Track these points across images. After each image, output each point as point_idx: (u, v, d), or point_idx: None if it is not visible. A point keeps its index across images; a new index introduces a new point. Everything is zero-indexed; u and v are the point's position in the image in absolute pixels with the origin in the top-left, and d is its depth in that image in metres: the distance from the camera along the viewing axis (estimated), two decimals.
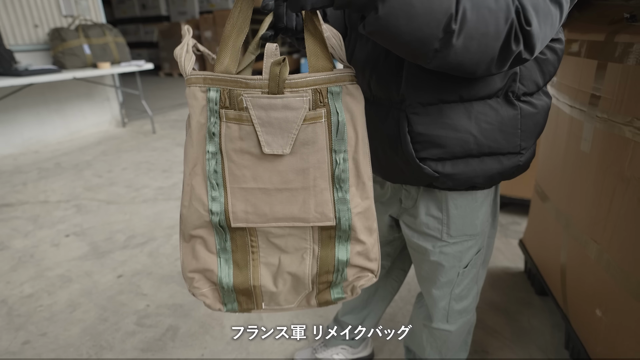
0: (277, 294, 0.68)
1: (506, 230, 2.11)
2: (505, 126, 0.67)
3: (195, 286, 0.67)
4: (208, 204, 0.63)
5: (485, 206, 0.79)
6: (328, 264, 0.66)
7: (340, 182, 0.62)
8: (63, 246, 1.99)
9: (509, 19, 0.51)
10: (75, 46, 3.37)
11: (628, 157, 0.89)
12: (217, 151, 0.62)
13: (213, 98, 0.60)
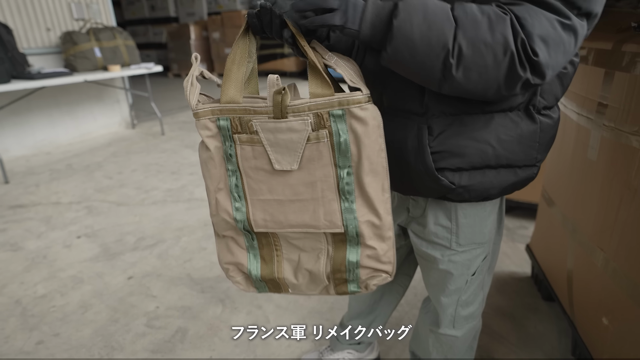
0: (298, 285, 0.78)
1: (513, 234, 2.10)
2: (524, 139, 0.68)
3: (231, 275, 0.79)
4: (232, 213, 0.73)
5: (493, 214, 0.79)
6: (340, 264, 0.73)
7: (346, 193, 0.68)
8: (75, 247, 2.03)
9: (507, 51, 0.52)
10: (87, 49, 3.42)
11: (635, 167, 0.90)
12: (236, 169, 0.71)
13: (224, 126, 0.68)
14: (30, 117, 3.50)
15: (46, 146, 3.68)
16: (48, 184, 2.87)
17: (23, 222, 2.32)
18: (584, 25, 0.55)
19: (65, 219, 2.34)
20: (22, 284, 1.74)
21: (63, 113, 3.74)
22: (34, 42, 3.45)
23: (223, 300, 1.61)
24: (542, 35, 0.52)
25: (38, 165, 3.27)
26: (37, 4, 3.41)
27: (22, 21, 3.34)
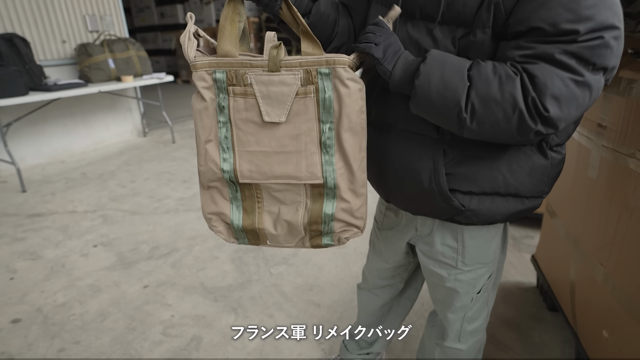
0: (277, 236, 0.84)
1: (519, 244, 2.14)
2: (535, 172, 0.73)
3: (213, 225, 0.84)
4: (220, 164, 0.78)
5: (497, 236, 0.84)
6: (316, 215, 0.80)
7: (327, 147, 0.75)
8: (92, 256, 2.10)
9: (516, 108, 0.58)
10: (101, 61, 3.52)
11: (632, 187, 0.94)
12: (227, 120, 0.76)
13: (220, 78, 0.73)
14: (45, 126, 3.61)
15: (61, 155, 3.78)
16: (64, 193, 2.96)
17: (41, 230, 2.40)
18: (600, 79, 0.59)
19: (82, 227, 2.42)
20: (43, 292, 1.81)
21: (77, 122, 3.84)
22: (50, 54, 3.55)
23: (236, 309, 1.67)
24: (554, 94, 0.57)
25: (53, 174, 3.36)
26: (53, 17, 3.52)
27: (39, 34, 3.45)
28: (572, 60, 0.57)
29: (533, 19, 0.58)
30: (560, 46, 0.57)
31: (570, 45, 0.57)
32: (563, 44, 0.57)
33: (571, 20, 0.56)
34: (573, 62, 0.57)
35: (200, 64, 0.72)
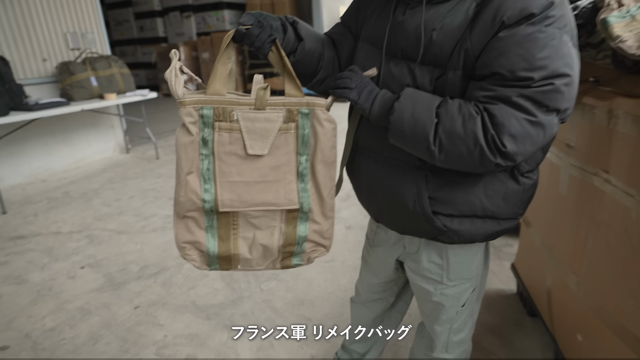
0: (251, 259, 0.90)
1: (499, 252, 2.23)
2: (509, 196, 0.80)
3: (187, 253, 0.88)
4: (201, 194, 0.82)
5: (479, 253, 0.91)
6: (291, 238, 0.88)
7: (303, 176, 0.85)
8: (79, 278, 2.09)
9: (477, 143, 0.66)
10: (83, 79, 3.51)
11: (598, 203, 1.03)
12: (210, 153, 0.81)
13: (207, 114, 0.79)
14: (26, 145, 3.55)
15: (41, 174, 3.72)
16: (46, 213, 2.92)
17: (25, 253, 2.36)
18: (553, 119, 0.67)
19: (67, 249, 2.40)
20: (30, 317, 1.80)
21: (58, 140, 3.79)
22: (30, 72, 3.52)
23: (228, 326, 1.70)
24: (510, 132, 0.65)
25: (34, 194, 3.31)
26: (33, 35, 3.50)
27: (18, 53, 3.42)
28: (527, 102, 0.65)
29: (495, 65, 0.67)
30: (517, 90, 0.65)
31: (525, 90, 0.65)
32: (519, 88, 0.65)
33: (526, 69, 0.64)
34: (528, 104, 0.65)
35: (188, 101, 0.78)
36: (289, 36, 0.85)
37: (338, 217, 2.69)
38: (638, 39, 0.85)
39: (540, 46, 0.64)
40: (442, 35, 0.72)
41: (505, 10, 0.66)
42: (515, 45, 0.65)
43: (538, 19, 0.64)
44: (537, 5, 0.64)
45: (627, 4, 0.91)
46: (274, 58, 0.81)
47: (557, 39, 0.65)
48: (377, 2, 0.87)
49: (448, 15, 0.73)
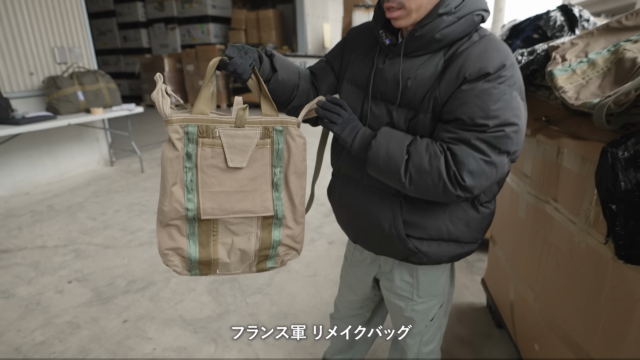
0: (229, 264, 0.99)
1: (472, 267, 2.38)
2: (470, 223, 0.93)
3: (170, 259, 0.95)
4: (185, 203, 0.90)
5: (446, 273, 1.04)
6: (266, 242, 0.98)
7: (277, 186, 0.95)
8: (67, 292, 2.13)
9: (441, 178, 0.79)
10: (70, 93, 3.54)
11: (549, 228, 1.17)
12: (193, 166, 0.89)
13: (192, 131, 0.88)
14: (9, 158, 3.55)
15: (25, 186, 3.71)
16: (31, 227, 2.93)
17: (11, 267, 2.38)
18: (504, 159, 0.81)
19: (54, 263, 2.42)
20: (19, 331, 1.83)
21: (42, 153, 3.80)
22: (17, 86, 3.53)
23: (215, 339, 1.77)
24: (469, 169, 0.78)
25: (18, 207, 3.30)
26: (20, 49, 3.52)
27: (5, 66, 3.44)
28: (483, 145, 0.78)
29: (458, 112, 0.80)
30: (475, 134, 0.79)
31: (482, 134, 0.78)
32: (477, 133, 0.78)
33: (483, 117, 0.78)
34: (484, 146, 0.78)
35: (175, 119, 0.86)
36: (264, 67, 0.95)
37: (321, 233, 2.80)
38: (577, 91, 1.00)
39: (495, 100, 0.78)
40: (416, 83, 0.86)
41: (467, 68, 0.80)
42: (475, 98, 0.78)
43: (493, 77, 0.78)
44: (492, 66, 0.78)
45: (570, 59, 1.07)
46: (252, 84, 0.92)
47: (507, 94, 0.79)
48: (360, 49, 1.00)
49: (421, 67, 0.86)
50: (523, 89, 0.85)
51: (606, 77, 0.97)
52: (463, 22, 0.81)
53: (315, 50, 9.68)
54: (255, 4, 10.62)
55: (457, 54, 0.82)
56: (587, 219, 0.98)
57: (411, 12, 0.82)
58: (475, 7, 0.81)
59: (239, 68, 0.88)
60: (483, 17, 0.84)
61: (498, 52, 0.80)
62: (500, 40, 0.85)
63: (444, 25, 0.81)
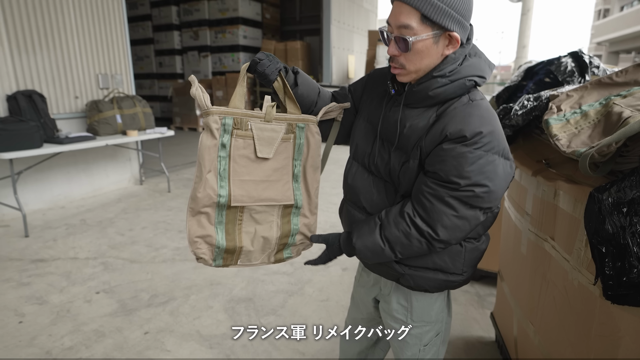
0: (252, 252, 1.07)
1: (483, 301, 2.40)
2: (452, 254, 1.02)
3: (198, 247, 1.02)
4: (217, 190, 0.99)
5: (439, 302, 1.12)
6: (286, 230, 1.09)
7: (297, 177, 1.08)
8: (95, 302, 2.27)
9: (421, 242, 0.93)
10: (109, 116, 3.83)
11: (548, 265, 1.24)
12: (226, 156, 0.99)
13: (228, 123, 0.98)
14: (50, 174, 3.82)
15: (61, 200, 3.97)
16: (65, 239, 3.14)
17: (46, 276, 2.56)
18: (476, 213, 0.91)
19: (84, 274, 2.59)
20: (50, 336, 1.97)
21: (79, 170, 4.07)
22: (63, 108, 3.85)
23: (229, 355, 1.86)
24: (442, 224, 0.90)
25: (54, 219, 3.54)
26: (69, 75, 3.86)
27: (54, 90, 3.77)
28: (455, 201, 0.89)
29: (436, 167, 0.91)
30: (448, 191, 0.89)
31: (453, 192, 0.89)
32: (449, 190, 0.89)
33: (456, 176, 0.88)
34: (455, 202, 0.89)
35: (215, 110, 0.96)
36: (288, 79, 1.05)
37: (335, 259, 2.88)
38: (569, 139, 1.09)
39: (469, 163, 0.88)
40: (410, 131, 0.97)
41: (449, 128, 0.90)
42: (452, 158, 0.89)
43: (469, 142, 0.88)
44: (470, 131, 0.88)
45: (565, 109, 1.17)
46: (277, 86, 1.04)
47: (483, 159, 0.88)
48: (377, 92, 1.11)
49: (417, 117, 0.97)
50: (506, 150, 0.93)
51: (596, 128, 1.06)
52: (455, 85, 0.93)
53: (339, 80, 9.99)
54: (284, 35, 11.13)
55: (446, 112, 0.93)
56: (579, 258, 1.05)
57: (411, 72, 0.95)
58: (468, 73, 0.93)
59: (267, 69, 1.01)
60: (476, 82, 0.94)
61: (479, 119, 0.89)
62: (488, 107, 0.94)
63: (437, 86, 0.93)
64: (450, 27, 0.89)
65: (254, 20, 10.01)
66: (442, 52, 0.93)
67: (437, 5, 0.86)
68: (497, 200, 0.92)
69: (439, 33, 0.90)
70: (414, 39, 0.89)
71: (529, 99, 1.55)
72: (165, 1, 10.26)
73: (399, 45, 0.91)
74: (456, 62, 0.93)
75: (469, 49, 0.95)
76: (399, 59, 0.94)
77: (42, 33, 3.60)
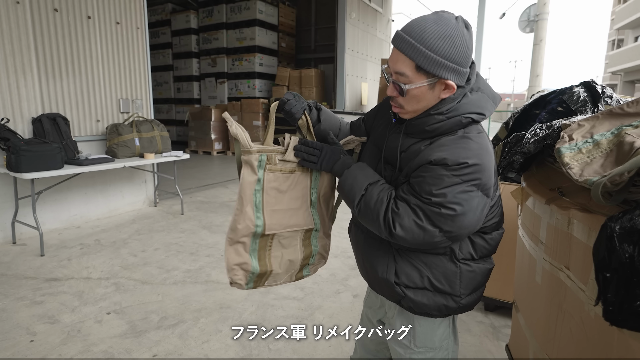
0: (279, 274, 1.19)
1: (498, 332, 2.34)
2: (448, 274, 1.03)
3: (236, 274, 1.12)
4: (254, 220, 1.09)
5: (442, 327, 1.11)
6: (308, 252, 1.21)
7: (314, 204, 1.19)
8: (105, 323, 2.28)
9: (378, 218, 0.94)
10: (128, 139, 3.95)
11: (564, 295, 1.22)
12: (260, 189, 1.09)
13: (263, 159, 1.09)
14: (68, 194, 3.92)
15: (77, 220, 4.05)
16: (79, 259, 3.18)
17: (59, 295, 2.59)
18: (434, 232, 0.92)
19: (96, 294, 2.61)
20: (60, 355, 1.98)
21: (97, 191, 4.17)
22: (85, 131, 4.00)
23: None
24: (401, 222, 0.92)
25: (69, 239, 3.60)
26: (92, 100, 4.02)
27: (77, 113, 3.92)
28: (420, 211, 0.91)
29: (413, 181, 0.95)
30: (418, 201, 0.92)
31: (422, 204, 0.91)
32: (419, 201, 0.92)
33: (428, 193, 0.91)
34: (420, 212, 0.91)
35: (256, 149, 1.08)
36: (312, 116, 1.18)
37: (347, 285, 2.85)
38: (581, 168, 1.10)
39: (444, 185, 0.90)
40: (406, 155, 1.01)
41: (434, 155, 0.93)
42: (430, 177, 0.92)
43: (450, 168, 0.90)
44: (452, 159, 0.90)
45: (576, 138, 1.18)
46: (302, 124, 1.15)
47: (458, 187, 0.90)
48: (385, 118, 1.17)
49: (413, 145, 1.01)
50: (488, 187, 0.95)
51: (608, 157, 1.06)
52: (451, 122, 0.96)
53: (352, 107, 10.14)
54: (299, 63, 11.44)
55: (437, 142, 0.96)
56: (595, 289, 1.03)
57: (409, 112, 1.00)
58: (466, 111, 0.95)
59: (293, 109, 1.10)
60: (473, 119, 0.96)
61: (466, 151, 0.91)
62: (482, 142, 0.95)
63: (433, 122, 0.96)
64: (445, 76, 0.92)
65: (270, 48, 10.33)
66: (438, 95, 0.96)
67: (430, 56, 0.89)
68: (460, 229, 0.93)
69: (434, 80, 0.93)
70: (409, 87, 0.94)
71: (541, 127, 1.56)
72: (186, 30, 10.70)
73: (396, 89, 0.96)
74: (454, 100, 0.96)
75: (470, 87, 0.98)
76: (398, 100, 0.99)
77: (69, 60, 3.79)
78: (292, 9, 10.97)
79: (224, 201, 5.14)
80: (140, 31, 4.39)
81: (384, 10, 11.70)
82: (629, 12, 21.76)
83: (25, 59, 3.44)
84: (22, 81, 3.44)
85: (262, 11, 9.84)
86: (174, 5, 11.10)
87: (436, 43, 0.89)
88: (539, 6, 9.45)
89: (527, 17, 10.22)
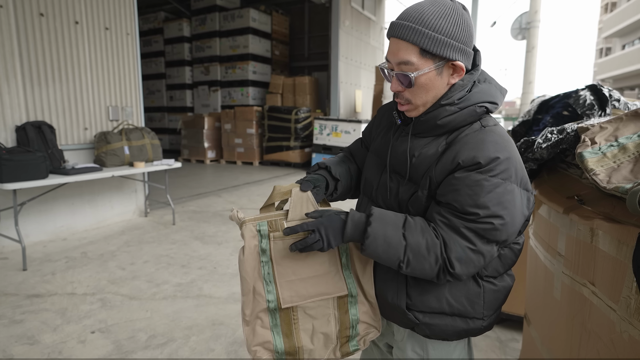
0: (313, 350, 0.99)
1: (505, 347, 2.23)
2: (470, 296, 0.92)
3: (258, 355, 0.96)
4: (265, 295, 0.95)
5: (458, 349, 1.00)
6: (345, 322, 1.00)
7: (345, 266, 0.99)
8: (89, 343, 2.13)
9: (437, 264, 0.82)
10: (117, 147, 3.82)
11: (588, 313, 1.11)
12: (268, 259, 0.95)
13: (264, 228, 0.95)
14: (54, 205, 3.77)
15: (63, 232, 3.89)
16: (64, 273, 3.02)
17: (40, 313, 2.43)
18: (492, 248, 0.82)
19: (80, 311, 2.46)
20: None
21: (84, 202, 4.02)
22: (72, 139, 3.85)
23: None
24: (457, 257, 0.81)
25: (54, 252, 3.44)
26: (80, 107, 3.89)
27: (64, 121, 3.78)
28: (471, 234, 0.81)
29: (449, 198, 0.83)
30: (464, 222, 0.81)
31: (470, 224, 0.81)
32: (466, 222, 0.81)
33: (473, 206, 0.80)
34: (471, 235, 0.81)
35: (248, 219, 0.96)
36: (330, 184, 1.06)
37: None
38: (608, 174, 1.00)
39: (485, 192, 0.80)
40: (419, 161, 0.91)
41: (461, 155, 0.84)
42: (466, 187, 0.81)
43: (485, 170, 0.81)
44: (484, 157, 0.81)
45: (599, 142, 1.09)
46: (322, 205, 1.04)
47: (500, 187, 0.81)
48: (384, 125, 1.08)
49: (425, 146, 0.91)
50: (525, 180, 0.86)
51: (638, 162, 0.97)
52: (465, 112, 0.87)
53: (346, 114, 10.08)
54: (293, 71, 11.39)
55: (456, 139, 0.87)
56: (629, 308, 0.92)
57: (418, 106, 0.90)
58: (479, 100, 0.87)
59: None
60: (488, 108, 0.88)
61: (494, 145, 0.83)
62: (503, 133, 0.88)
63: (446, 114, 0.87)
64: (452, 56, 0.84)
65: (264, 56, 10.28)
66: (447, 81, 0.88)
67: (434, 37, 0.82)
68: (513, 235, 0.84)
69: (442, 64, 0.86)
70: (416, 74, 0.85)
71: (552, 132, 1.47)
72: (179, 38, 10.61)
73: (402, 82, 0.87)
74: (464, 88, 0.88)
75: (477, 75, 0.91)
76: (404, 94, 0.90)
77: (55, 66, 3.66)
78: (286, 17, 10.95)
79: (217, 210, 5.00)
80: (131, 37, 4.28)
81: (377, 18, 11.73)
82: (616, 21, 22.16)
83: (8, 64, 3.31)
84: (5, 88, 3.31)
85: (256, 19, 9.80)
86: (166, 13, 11.02)
87: (438, 22, 0.82)
88: (530, 14, 9.53)
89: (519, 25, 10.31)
